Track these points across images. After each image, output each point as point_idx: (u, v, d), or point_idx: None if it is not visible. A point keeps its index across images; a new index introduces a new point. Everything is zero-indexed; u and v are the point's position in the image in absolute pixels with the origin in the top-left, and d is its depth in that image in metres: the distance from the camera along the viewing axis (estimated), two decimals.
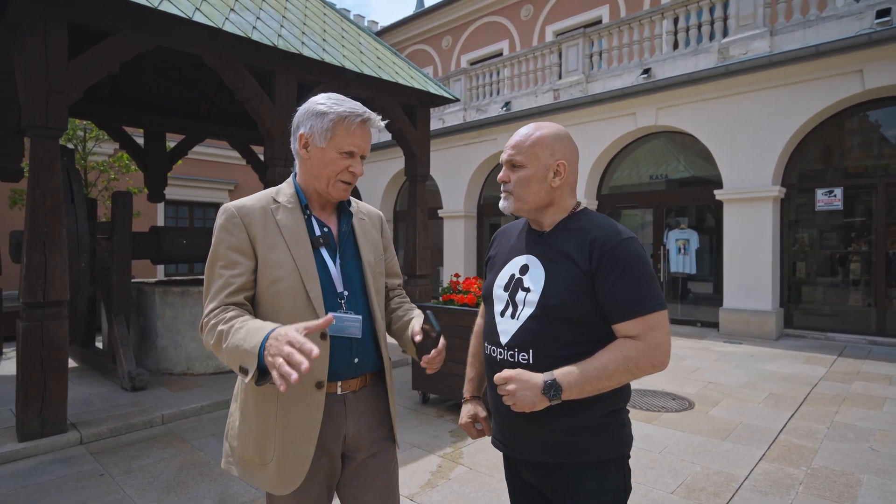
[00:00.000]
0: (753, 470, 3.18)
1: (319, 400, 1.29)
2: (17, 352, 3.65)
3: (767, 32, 7.62)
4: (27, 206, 3.63)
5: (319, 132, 1.32)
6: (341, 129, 1.32)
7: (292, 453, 1.27)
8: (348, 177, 1.36)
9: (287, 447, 1.26)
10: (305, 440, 1.27)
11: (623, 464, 1.30)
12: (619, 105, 8.99)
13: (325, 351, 1.29)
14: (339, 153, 1.33)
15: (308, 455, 1.27)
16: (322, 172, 1.34)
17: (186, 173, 13.08)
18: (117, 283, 5.09)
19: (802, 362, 6.06)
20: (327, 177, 1.34)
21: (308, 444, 1.27)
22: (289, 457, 1.26)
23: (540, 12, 13.63)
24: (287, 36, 4.97)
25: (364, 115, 1.34)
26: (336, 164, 1.33)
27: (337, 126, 1.32)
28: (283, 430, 1.26)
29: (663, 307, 1.24)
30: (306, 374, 1.23)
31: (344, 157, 1.34)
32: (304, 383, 1.27)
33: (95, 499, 2.87)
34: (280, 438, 1.27)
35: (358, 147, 1.34)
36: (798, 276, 8.03)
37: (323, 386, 1.29)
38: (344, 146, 1.33)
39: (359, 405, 1.38)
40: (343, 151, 1.33)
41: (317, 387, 1.28)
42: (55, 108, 3.62)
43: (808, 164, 7.90)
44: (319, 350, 1.03)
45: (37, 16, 3.56)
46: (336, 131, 1.32)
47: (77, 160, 9.27)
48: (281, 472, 1.27)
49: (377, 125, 1.38)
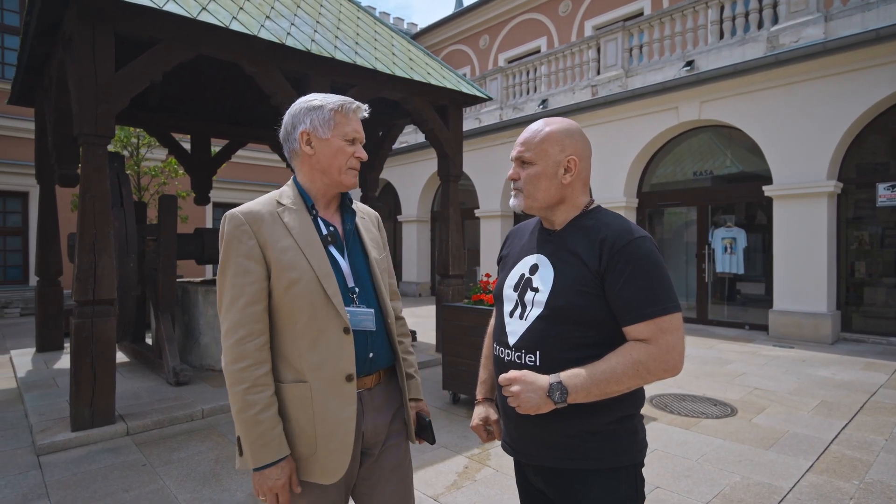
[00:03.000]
0: (799, 482, 3.00)
1: (352, 392, 1.32)
2: (70, 347, 3.88)
3: (822, 18, 7.18)
4: (79, 209, 3.85)
5: (322, 124, 1.35)
6: (340, 116, 1.37)
7: (334, 445, 1.29)
8: (355, 162, 1.40)
9: (329, 440, 1.29)
10: (345, 430, 1.30)
11: (635, 472, 1.24)
12: (661, 99, 8.70)
13: (350, 345, 1.32)
14: (345, 140, 1.37)
15: (349, 445, 1.31)
16: (332, 163, 1.37)
17: (231, 176, 13.60)
18: (163, 283, 5.34)
19: (860, 368, 5.67)
20: (338, 166, 1.38)
21: (347, 433, 1.30)
22: (331, 448, 1.29)
23: (579, 7, 13.37)
24: (320, 40, 5.07)
25: (355, 103, 1.41)
26: (344, 151, 1.37)
27: (336, 115, 1.36)
28: (323, 424, 1.29)
29: (676, 309, 1.18)
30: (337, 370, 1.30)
31: (349, 144, 1.38)
32: (336, 378, 1.30)
33: (137, 488, 3.01)
34: (321, 431, 1.29)
35: (358, 132, 1.40)
36: (857, 277, 7.52)
37: (353, 379, 1.32)
38: (348, 133, 1.37)
39: (374, 401, 1.40)
40: (347, 138, 1.38)
41: (347, 380, 1.31)
42: (103, 117, 3.83)
43: (868, 156, 7.39)
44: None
45: (87, 29, 3.78)
46: (337, 119, 1.36)
47: (131, 166, 9.81)
48: (327, 463, 1.29)
49: (365, 114, 1.44)
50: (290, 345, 1.30)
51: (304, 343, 1.29)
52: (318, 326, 1.29)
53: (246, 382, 1.24)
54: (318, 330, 1.29)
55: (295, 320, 1.29)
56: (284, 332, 1.31)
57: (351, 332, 1.32)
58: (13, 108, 10.86)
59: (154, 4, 3.85)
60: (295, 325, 1.29)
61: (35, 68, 5.55)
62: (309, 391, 1.29)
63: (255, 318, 1.27)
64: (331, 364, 1.29)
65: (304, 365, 1.29)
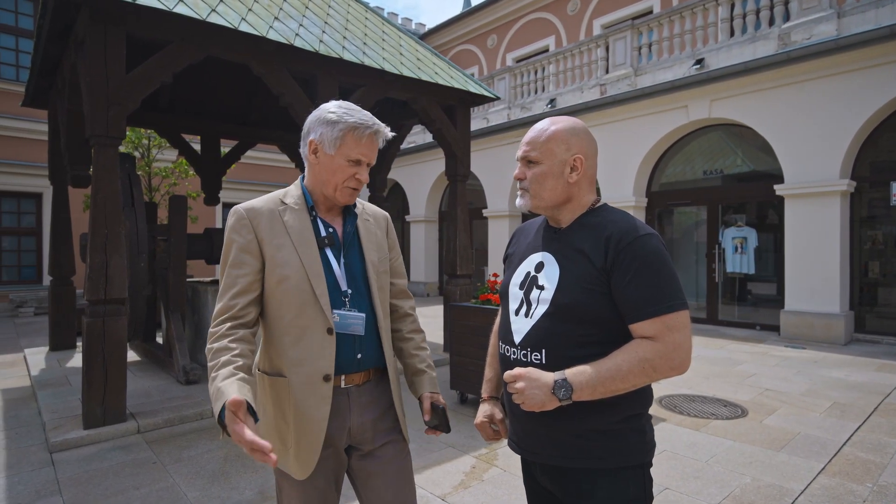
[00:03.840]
0: (811, 484, 2.96)
1: (328, 392, 1.34)
2: (82, 346, 3.93)
3: (834, 14, 7.09)
4: (90, 209, 3.90)
5: (329, 140, 1.36)
6: (351, 138, 1.36)
7: (305, 442, 1.33)
8: (354, 183, 1.40)
9: (301, 436, 1.33)
10: (317, 429, 1.33)
11: (642, 472, 1.24)
12: (670, 98, 8.63)
13: (332, 345, 1.35)
14: (347, 161, 1.37)
15: (318, 444, 1.34)
16: (330, 179, 1.39)
17: (240, 177, 13.68)
18: (173, 283, 5.39)
19: (874, 369, 5.59)
20: (335, 183, 1.39)
21: (319, 432, 1.33)
22: (302, 445, 1.33)
23: (587, 6, 13.30)
24: (328, 41, 5.09)
25: (374, 128, 1.38)
26: (344, 171, 1.38)
27: (346, 135, 1.35)
28: (297, 421, 1.33)
29: (683, 307, 1.17)
30: (315, 369, 1.32)
31: (351, 165, 1.38)
32: (313, 377, 1.33)
33: (148, 485, 3.04)
34: (294, 428, 1.33)
35: (365, 156, 1.39)
36: (871, 277, 7.41)
37: (330, 379, 1.35)
38: (352, 155, 1.37)
39: (362, 398, 1.43)
40: (351, 160, 1.37)
41: (324, 380, 1.34)
42: (115, 118, 3.87)
43: (883, 154, 7.28)
44: (274, 456, 1.06)
45: (98, 32, 3.82)
46: (345, 140, 1.35)
47: (142, 167, 9.91)
48: (297, 459, 1.34)
49: (386, 136, 1.41)
50: (276, 339, 1.36)
51: (288, 339, 1.34)
52: (303, 324, 1.33)
53: (216, 359, 1.25)
54: (303, 328, 1.33)
55: (282, 315, 1.34)
56: (272, 326, 1.37)
57: (334, 334, 1.35)
58: (27, 111, 11.03)
59: (164, 6, 3.88)
60: (282, 320, 1.35)
61: (48, 71, 5.62)
62: (287, 386, 1.34)
63: (240, 306, 1.32)
64: (310, 362, 1.33)
65: (285, 360, 1.34)
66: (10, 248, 11.89)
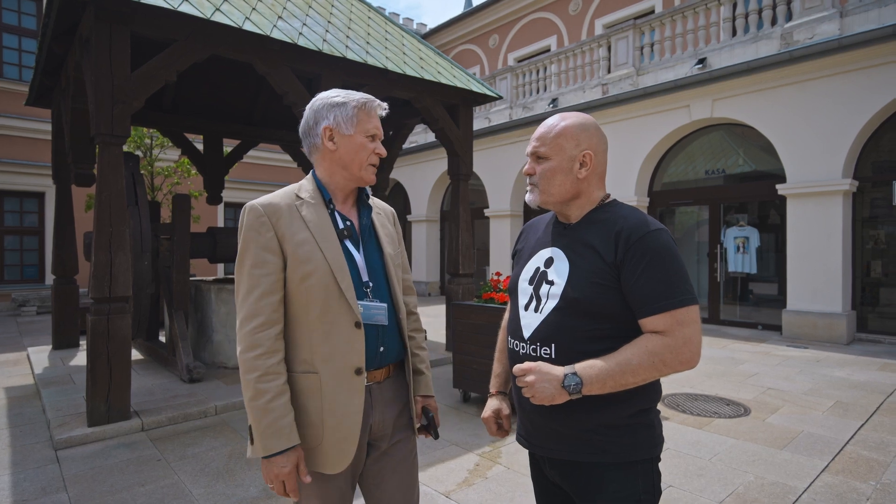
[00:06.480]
0: (814, 482, 2.97)
1: (360, 385, 1.34)
2: (87, 344, 3.94)
3: (837, 14, 7.09)
4: (95, 207, 3.91)
5: (345, 120, 1.38)
6: (363, 113, 1.40)
7: (341, 435, 1.32)
8: (375, 159, 1.43)
9: (335, 430, 1.32)
10: (352, 422, 1.33)
11: (651, 467, 1.24)
12: (672, 98, 8.63)
13: (361, 339, 1.34)
14: (367, 136, 1.40)
15: (355, 436, 1.33)
16: (354, 159, 1.40)
17: (243, 176, 13.70)
18: (176, 281, 5.40)
19: (877, 369, 5.59)
20: (360, 162, 1.40)
21: (354, 425, 1.33)
22: (337, 439, 1.32)
23: (589, 6, 13.31)
24: (332, 40, 5.10)
25: (376, 101, 1.44)
26: (366, 147, 1.40)
27: (359, 112, 1.39)
28: (331, 415, 1.32)
29: (693, 302, 1.17)
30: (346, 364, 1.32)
31: (370, 140, 1.41)
32: (345, 371, 1.33)
33: (152, 482, 3.05)
34: (329, 422, 1.32)
35: (378, 129, 1.43)
36: (873, 277, 7.41)
37: (362, 372, 1.34)
38: (370, 129, 1.40)
39: (384, 395, 1.43)
40: (369, 135, 1.40)
41: (356, 373, 1.34)
42: (119, 117, 3.88)
43: (885, 154, 7.28)
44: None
45: (103, 31, 3.83)
46: (360, 116, 1.39)
47: (144, 166, 9.93)
48: (333, 453, 1.32)
49: (386, 109, 1.47)
50: (303, 336, 1.33)
51: (317, 335, 1.31)
52: (330, 319, 1.31)
53: (258, 370, 1.26)
54: (331, 322, 1.32)
55: (308, 312, 1.31)
56: (297, 323, 1.33)
57: (362, 327, 1.34)
58: (30, 110, 11.05)
59: (169, 5, 3.90)
60: (308, 317, 1.31)
61: (52, 70, 5.64)
62: (318, 382, 1.32)
63: (270, 308, 1.29)
64: (341, 357, 1.32)
65: (315, 356, 1.32)
66: (13, 248, 11.92)
